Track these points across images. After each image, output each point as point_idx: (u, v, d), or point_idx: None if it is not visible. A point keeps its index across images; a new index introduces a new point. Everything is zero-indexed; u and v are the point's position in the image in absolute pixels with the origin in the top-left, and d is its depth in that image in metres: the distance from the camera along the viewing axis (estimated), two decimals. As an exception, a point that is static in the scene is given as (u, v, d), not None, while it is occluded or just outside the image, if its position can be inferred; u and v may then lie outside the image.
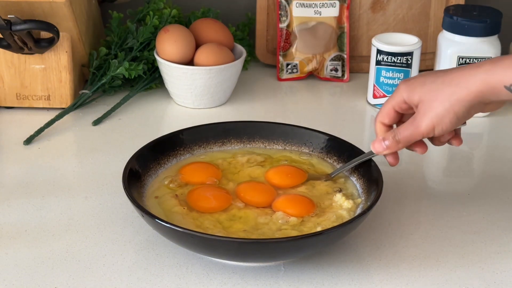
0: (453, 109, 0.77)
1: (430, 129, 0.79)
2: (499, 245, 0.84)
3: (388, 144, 0.82)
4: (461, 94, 0.77)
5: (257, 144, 0.95)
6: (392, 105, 0.82)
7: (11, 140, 1.05)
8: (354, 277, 0.78)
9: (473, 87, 0.76)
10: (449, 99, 0.77)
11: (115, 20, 1.21)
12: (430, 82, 0.79)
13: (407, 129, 0.81)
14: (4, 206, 0.89)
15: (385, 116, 0.83)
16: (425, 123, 0.79)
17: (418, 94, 0.79)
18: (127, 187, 0.81)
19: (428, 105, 0.78)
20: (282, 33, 1.24)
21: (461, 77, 0.77)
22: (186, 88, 1.13)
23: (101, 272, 0.78)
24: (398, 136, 0.81)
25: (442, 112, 0.78)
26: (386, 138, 0.83)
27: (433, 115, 0.78)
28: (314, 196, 0.86)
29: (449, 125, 0.78)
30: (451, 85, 0.77)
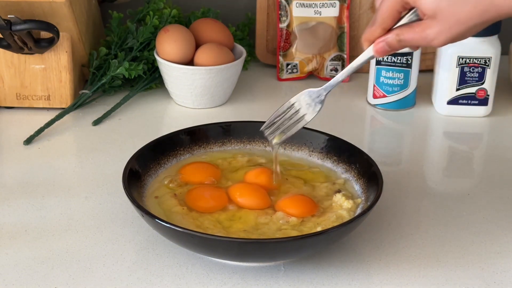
0: (475, 29, 0.71)
1: (442, 45, 0.72)
2: (499, 245, 0.84)
3: (391, 44, 0.75)
4: (489, 18, 0.69)
5: (257, 144, 0.95)
6: (395, 7, 0.74)
7: (11, 140, 1.05)
8: (354, 277, 0.78)
9: (504, 11, 0.68)
10: (474, 22, 0.69)
11: (115, 20, 1.21)
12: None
13: (414, 35, 0.73)
14: (4, 206, 0.89)
15: (389, 20, 0.74)
16: (440, 40, 0.71)
17: (432, 6, 0.70)
18: (127, 187, 0.81)
19: (447, 24, 0.70)
20: (282, 33, 1.24)
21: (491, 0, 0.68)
22: (186, 88, 1.13)
23: (101, 272, 0.78)
24: (402, 37, 0.74)
25: (463, 33, 0.71)
26: (389, 39, 0.75)
27: (452, 36, 0.71)
28: (313, 197, 0.86)
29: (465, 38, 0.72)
30: (477, 7, 0.69)
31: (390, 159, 1.05)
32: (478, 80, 1.12)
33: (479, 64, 1.11)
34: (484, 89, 1.12)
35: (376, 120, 1.16)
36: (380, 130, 1.15)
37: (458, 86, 1.12)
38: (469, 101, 1.13)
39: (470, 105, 1.13)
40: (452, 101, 1.13)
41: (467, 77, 1.12)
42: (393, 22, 0.75)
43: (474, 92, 1.12)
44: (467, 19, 0.70)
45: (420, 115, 1.16)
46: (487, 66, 1.11)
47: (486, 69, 1.11)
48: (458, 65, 1.11)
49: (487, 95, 1.13)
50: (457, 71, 1.11)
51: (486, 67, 1.11)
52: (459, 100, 1.13)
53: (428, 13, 0.71)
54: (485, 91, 1.12)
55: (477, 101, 1.13)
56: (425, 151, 1.09)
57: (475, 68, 1.11)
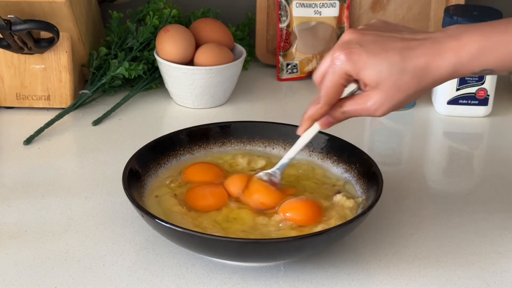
0: (416, 96, 0.74)
1: (386, 113, 0.75)
2: (499, 245, 0.84)
3: (336, 118, 0.78)
4: (426, 85, 0.73)
5: (257, 144, 0.95)
6: (339, 82, 0.75)
7: (11, 140, 1.05)
8: (354, 277, 0.78)
9: (439, 77, 0.72)
10: (414, 89, 0.73)
11: (115, 20, 1.21)
12: (387, 66, 0.72)
13: (357, 107, 0.76)
14: (4, 206, 0.89)
15: (334, 96, 0.77)
16: (382, 110, 0.74)
17: (373, 78, 0.73)
18: (127, 187, 0.81)
19: (389, 94, 0.73)
20: (282, 33, 1.24)
21: (426, 67, 0.72)
22: (186, 88, 1.13)
23: (101, 272, 0.78)
24: (345, 109, 0.77)
25: (404, 100, 0.74)
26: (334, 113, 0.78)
27: (393, 104, 0.74)
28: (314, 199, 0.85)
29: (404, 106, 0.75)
30: (414, 76, 0.72)
31: (390, 159, 1.05)
32: (478, 80, 1.12)
33: (479, 64, 1.10)
34: (484, 89, 1.12)
35: (376, 120, 1.15)
36: (380, 130, 1.15)
37: (458, 86, 1.12)
38: (469, 101, 1.13)
39: (470, 105, 1.13)
40: (452, 101, 1.13)
41: (467, 77, 1.12)
42: (338, 96, 0.77)
43: (474, 92, 1.12)
44: (407, 87, 0.73)
45: (420, 115, 1.16)
46: (487, 66, 1.10)
47: (486, 69, 1.11)
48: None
49: (487, 95, 1.13)
50: (457, 71, 1.11)
51: (486, 67, 1.11)
52: (459, 100, 1.13)
53: (371, 84, 0.73)
54: (485, 91, 1.12)
55: (477, 101, 1.13)
56: (425, 151, 1.09)
57: (475, 68, 1.11)
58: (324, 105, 0.77)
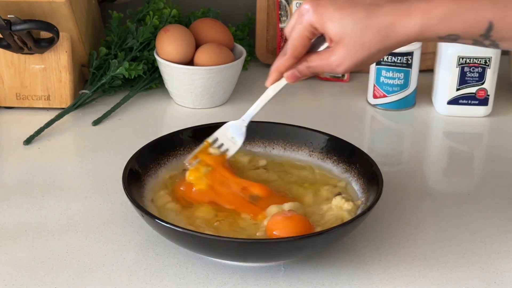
0: (379, 55, 0.74)
1: (349, 71, 0.75)
2: (499, 245, 0.84)
3: (301, 71, 0.78)
4: (390, 44, 0.72)
5: (257, 144, 0.95)
6: (304, 34, 0.75)
7: (11, 140, 1.05)
8: (354, 277, 0.78)
9: (404, 37, 0.72)
10: (377, 48, 0.72)
11: (115, 20, 1.21)
12: (352, 21, 0.72)
13: (320, 62, 0.76)
14: (4, 206, 0.89)
15: (301, 48, 0.77)
16: (344, 67, 0.74)
17: (337, 31, 0.73)
18: (127, 187, 0.81)
19: (352, 50, 0.73)
20: (282, 33, 1.24)
21: (391, 25, 0.71)
22: (186, 88, 1.13)
23: (101, 272, 0.78)
24: (310, 64, 0.77)
25: (367, 59, 0.73)
26: (299, 67, 0.78)
27: (356, 61, 0.74)
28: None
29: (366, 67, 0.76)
30: (379, 33, 0.72)
31: (390, 159, 1.05)
32: (478, 80, 1.12)
33: (479, 64, 1.11)
34: (484, 89, 1.12)
35: (376, 120, 1.16)
36: (380, 130, 1.15)
37: (458, 86, 1.12)
38: (469, 101, 1.13)
39: (470, 105, 1.13)
40: (452, 101, 1.13)
41: (467, 77, 1.12)
42: (304, 49, 0.77)
43: (474, 92, 1.12)
44: (370, 44, 0.72)
45: (420, 115, 1.16)
46: (487, 66, 1.11)
47: (486, 69, 1.11)
48: (458, 65, 1.11)
49: (487, 95, 1.13)
50: (457, 71, 1.11)
51: (486, 67, 1.11)
52: (459, 100, 1.13)
53: (335, 39, 0.73)
54: (485, 91, 1.12)
55: (477, 101, 1.13)
56: (425, 151, 1.09)
57: (475, 68, 1.11)
58: (289, 57, 0.78)
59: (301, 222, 0.79)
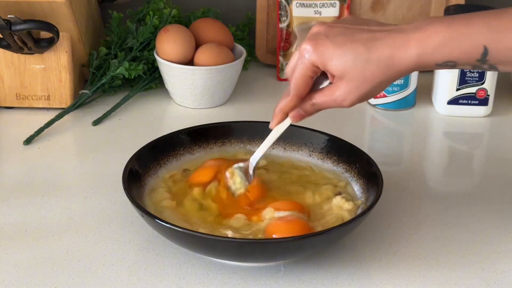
0: (382, 86, 0.75)
1: (353, 105, 0.76)
2: (499, 245, 0.84)
3: (307, 110, 0.79)
4: (391, 75, 0.73)
5: (257, 144, 0.95)
6: (307, 73, 0.76)
7: (11, 140, 1.05)
8: (354, 277, 0.78)
9: (403, 67, 0.73)
10: (379, 80, 0.73)
11: (115, 20, 1.21)
12: (352, 56, 0.73)
13: (325, 98, 0.77)
14: (4, 206, 0.89)
15: (303, 88, 0.77)
16: (349, 101, 0.75)
17: (339, 68, 0.74)
18: (127, 187, 0.81)
19: (354, 84, 0.74)
20: (282, 33, 1.24)
21: (390, 58, 0.72)
22: (186, 88, 1.13)
23: (101, 272, 0.78)
24: (315, 101, 0.78)
25: (371, 90, 0.74)
26: (304, 106, 0.79)
27: (360, 94, 0.75)
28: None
29: (372, 97, 0.77)
30: (379, 66, 0.73)
31: (390, 159, 1.05)
32: (478, 80, 1.12)
33: (479, 64, 1.10)
34: (484, 89, 1.12)
35: (376, 120, 1.16)
36: (380, 130, 1.15)
37: (458, 86, 1.12)
38: (469, 101, 1.13)
39: (470, 105, 1.13)
40: (452, 101, 1.13)
41: (467, 77, 1.12)
42: (307, 88, 0.78)
43: (474, 92, 1.12)
44: (372, 77, 0.73)
45: (420, 115, 1.16)
46: (487, 66, 1.10)
47: (486, 69, 1.11)
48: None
49: (487, 95, 1.13)
50: (457, 71, 1.11)
51: (486, 67, 1.11)
52: (459, 100, 1.13)
53: (338, 75, 0.74)
54: (485, 91, 1.12)
55: (477, 101, 1.13)
56: (425, 151, 1.09)
57: (475, 68, 1.11)
58: (293, 97, 0.78)
59: (301, 227, 0.79)
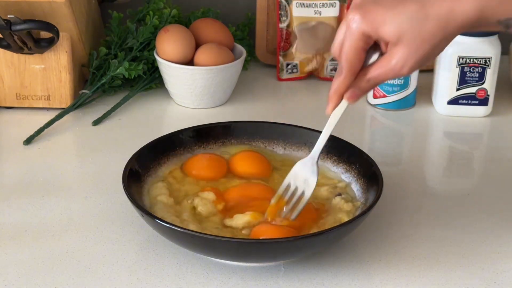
0: (442, 45, 0.69)
1: (415, 70, 0.70)
2: (499, 245, 0.84)
3: (363, 88, 0.72)
4: (452, 30, 0.67)
5: (257, 144, 0.95)
6: (358, 46, 0.70)
7: (11, 140, 1.05)
8: (354, 277, 0.78)
9: (465, 22, 0.67)
10: (440, 37, 0.68)
11: (115, 20, 1.21)
12: (406, 16, 0.67)
13: (381, 69, 0.71)
14: (4, 206, 0.89)
15: (357, 62, 0.71)
16: (409, 66, 0.69)
17: (394, 31, 0.68)
18: (127, 187, 0.81)
19: (413, 46, 0.68)
20: (282, 33, 1.24)
21: (450, 12, 0.67)
22: (186, 88, 1.13)
23: (101, 272, 0.78)
24: (370, 76, 0.72)
25: (431, 51, 0.68)
26: (359, 84, 0.72)
27: (420, 57, 0.69)
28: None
29: (430, 62, 0.70)
30: (439, 22, 0.67)
31: (390, 159, 1.05)
32: (478, 80, 1.12)
33: (479, 64, 1.11)
34: (484, 89, 1.12)
35: (376, 120, 1.16)
36: (380, 130, 1.15)
37: (458, 86, 1.12)
38: (469, 101, 1.13)
39: (470, 105, 1.13)
40: (452, 101, 1.13)
41: (467, 77, 1.12)
42: (360, 63, 0.72)
43: (474, 92, 1.12)
44: (431, 35, 0.68)
45: (420, 115, 1.16)
46: (487, 66, 1.11)
47: (486, 69, 1.11)
48: (458, 65, 1.11)
49: (487, 95, 1.13)
50: (457, 71, 1.11)
51: (486, 67, 1.11)
52: (459, 100, 1.13)
53: (392, 40, 0.69)
54: (485, 91, 1.12)
55: (477, 101, 1.13)
56: (425, 151, 1.09)
57: (475, 68, 1.11)
58: (347, 74, 0.72)
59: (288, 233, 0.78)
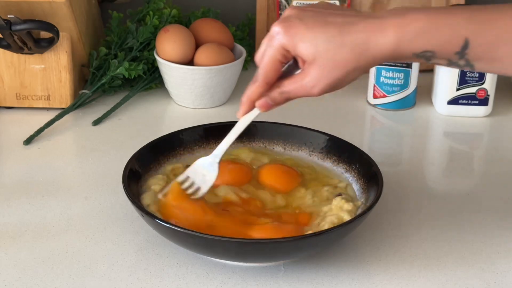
0: (354, 74, 0.71)
1: (325, 92, 0.71)
2: (499, 245, 0.84)
3: (275, 99, 0.75)
4: (365, 62, 0.70)
5: (257, 144, 0.95)
6: (276, 57, 0.72)
7: (11, 140, 1.05)
8: (354, 277, 0.78)
9: (378, 54, 0.69)
10: (352, 66, 0.70)
11: (115, 20, 1.21)
12: (325, 40, 0.69)
13: (295, 85, 0.73)
14: (4, 206, 0.89)
15: (272, 73, 0.73)
16: (319, 88, 0.71)
17: (310, 51, 0.70)
18: (127, 187, 0.81)
19: (325, 69, 0.70)
20: (282, 33, 1.24)
21: (365, 43, 0.69)
22: (186, 88, 1.13)
23: (101, 272, 0.78)
24: (283, 89, 0.74)
25: (342, 78, 0.70)
26: (272, 94, 0.74)
27: (330, 81, 0.71)
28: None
29: (343, 87, 0.72)
30: (353, 51, 0.69)
31: (390, 159, 1.05)
32: (478, 80, 1.12)
33: (479, 64, 1.10)
34: (484, 89, 1.12)
35: (376, 120, 1.16)
36: (380, 130, 1.15)
37: (458, 86, 1.12)
38: (469, 101, 1.13)
39: (470, 105, 1.13)
40: (452, 101, 1.13)
41: (467, 77, 1.12)
42: (276, 74, 0.74)
43: (474, 92, 1.12)
44: (344, 62, 0.70)
45: (420, 115, 1.16)
46: (487, 66, 1.10)
47: (486, 69, 1.11)
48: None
49: (487, 95, 1.13)
50: (457, 71, 1.11)
51: (486, 67, 1.11)
52: (459, 100, 1.13)
53: (308, 59, 0.71)
54: (485, 91, 1.12)
55: (477, 101, 1.13)
56: (425, 151, 1.09)
57: (475, 68, 1.11)
58: (260, 83, 0.74)
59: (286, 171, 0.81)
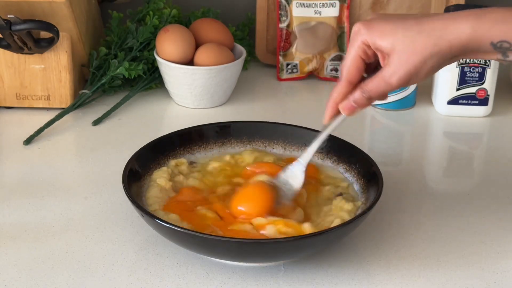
0: (432, 62, 0.71)
1: (404, 83, 0.72)
2: (499, 245, 0.84)
3: (357, 100, 0.76)
4: (442, 47, 0.70)
5: (257, 144, 0.95)
6: (357, 54, 0.74)
7: (11, 140, 1.05)
8: (354, 277, 0.78)
9: (456, 40, 0.70)
10: (430, 51, 0.71)
11: (115, 20, 1.21)
12: (403, 29, 0.71)
13: (376, 82, 0.74)
14: (4, 206, 0.89)
15: (354, 71, 0.75)
16: (398, 76, 0.72)
17: (389, 41, 0.72)
18: (127, 187, 0.81)
19: (404, 56, 0.71)
20: (282, 33, 1.24)
21: (443, 28, 0.70)
22: (186, 88, 1.13)
23: (101, 272, 0.78)
24: (366, 88, 0.74)
25: (420, 65, 0.71)
26: (354, 95, 0.76)
27: (409, 69, 0.71)
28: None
29: (423, 79, 0.72)
30: (431, 36, 0.70)
31: (390, 159, 1.05)
32: (478, 80, 1.12)
33: (479, 64, 1.11)
34: (484, 89, 1.12)
35: (376, 120, 1.16)
36: (380, 130, 1.15)
37: (458, 86, 1.12)
38: (469, 101, 1.13)
39: (470, 105, 1.13)
40: (452, 101, 1.13)
41: (467, 77, 1.12)
42: (358, 72, 0.75)
43: (474, 92, 1.12)
44: (422, 47, 0.71)
45: (420, 115, 1.16)
46: (487, 66, 1.11)
47: (486, 69, 1.11)
48: (458, 65, 1.11)
49: (487, 95, 1.13)
50: (457, 71, 1.11)
51: (486, 67, 1.11)
52: (459, 100, 1.13)
53: (387, 50, 0.72)
54: (485, 91, 1.12)
55: (477, 101, 1.13)
56: (425, 151, 1.09)
57: (475, 68, 1.11)
58: (343, 83, 0.75)
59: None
